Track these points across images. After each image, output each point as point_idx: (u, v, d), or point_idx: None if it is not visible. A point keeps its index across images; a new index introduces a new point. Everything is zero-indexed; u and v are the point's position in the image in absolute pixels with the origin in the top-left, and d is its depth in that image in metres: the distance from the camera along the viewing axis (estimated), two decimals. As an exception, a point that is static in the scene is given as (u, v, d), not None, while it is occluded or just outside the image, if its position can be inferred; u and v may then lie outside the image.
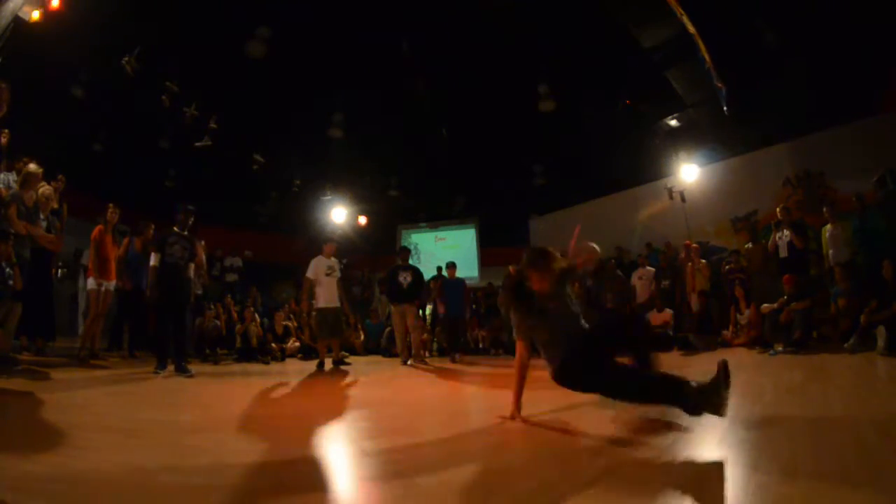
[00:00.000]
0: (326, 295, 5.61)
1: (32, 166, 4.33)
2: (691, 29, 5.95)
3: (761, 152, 8.46)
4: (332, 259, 5.82)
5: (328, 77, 9.38)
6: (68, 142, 8.38)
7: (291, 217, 12.79)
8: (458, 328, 7.04)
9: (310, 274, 5.68)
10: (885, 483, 1.23)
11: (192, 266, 4.66)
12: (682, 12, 5.85)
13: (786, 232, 5.92)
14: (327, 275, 5.65)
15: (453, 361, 6.37)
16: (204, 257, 5.27)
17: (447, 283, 7.10)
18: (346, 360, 5.83)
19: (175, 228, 4.55)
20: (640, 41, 7.41)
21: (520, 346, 2.35)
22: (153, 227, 6.06)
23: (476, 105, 10.22)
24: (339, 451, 1.90)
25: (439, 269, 9.40)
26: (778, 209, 6.24)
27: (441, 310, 6.98)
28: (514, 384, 2.30)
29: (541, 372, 2.33)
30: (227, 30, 8.24)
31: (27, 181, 4.28)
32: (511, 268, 7.45)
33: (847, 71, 7.14)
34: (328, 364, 5.57)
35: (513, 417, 2.20)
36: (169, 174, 10.98)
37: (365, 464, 1.65)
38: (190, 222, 4.63)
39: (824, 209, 6.11)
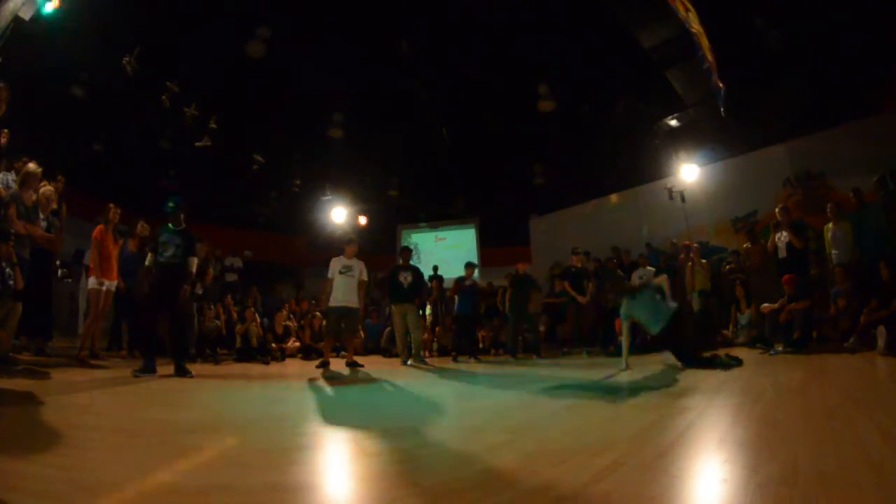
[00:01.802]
0: (336, 294, 5.60)
1: (31, 166, 4.32)
2: (697, 27, 5.91)
3: (761, 152, 8.47)
4: (353, 260, 5.79)
5: (328, 77, 9.38)
6: (68, 142, 8.39)
7: (291, 217, 12.80)
8: (470, 329, 7.04)
9: (329, 274, 5.68)
10: (886, 483, 1.23)
11: (193, 261, 4.47)
12: (689, 7, 5.79)
13: (784, 233, 5.91)
14: (341, 273, 5.63)
15: (455, 361, 6.37)
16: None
17: (463, 284, 7.12)
18: (358, 361, 5.71)
19: (170, 225, 4.42)
20: (640, 41, 7.41)
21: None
22: (141, 223, 6.00)
23: (476, 105, 10.22)
24: (339, 450, 1.90)
25: (435, 268, 9.40)
26: (777, 210, 6.24)
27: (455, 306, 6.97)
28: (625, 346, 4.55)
29: (543, 371, 2.32)
30: (226, 30, 8.24)
31: (26, 181, 4.27)
32: (519, 265, 7.52)
33: (847, 71, 7.14)
34: (335, 365, 5.54)
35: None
36: (169, 174, 10.99)
37: (365, 464, 1.65)
38: (182, 217, 4.48)
39: (828, 206, 6.09)
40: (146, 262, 4.36)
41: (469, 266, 7.15)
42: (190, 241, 4.46)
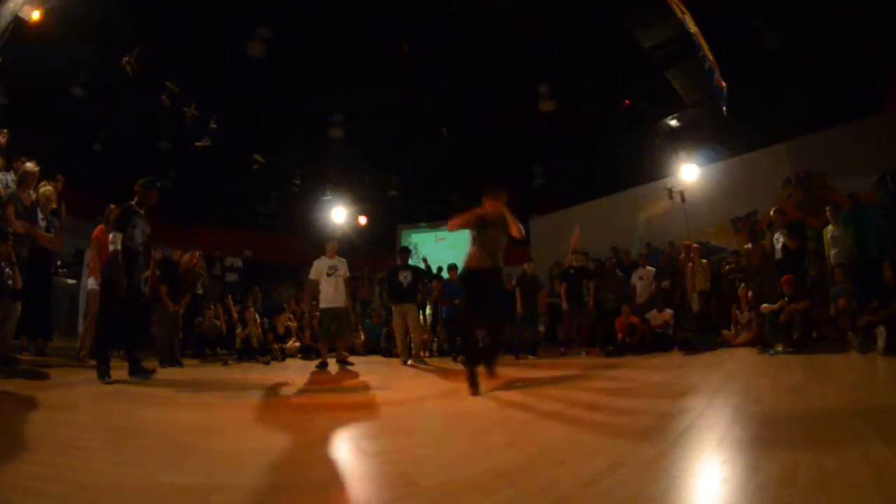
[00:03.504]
0: (326, 295, 5.63)
1: (29, 165, 4.33)
2: (693, 28, 5.93)
3: (761, 152, 8.47)
4: (336, 258, 5.81)
5: (328, 77, 9.39)
6: (68, 142, 8.39)
7: (291, 217, 12.80)
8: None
9: (312, 276, 5.70)
10: (885, 483, 1.23)
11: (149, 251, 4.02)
12: (685, 10, 5.83)
13: (778, 234, 5.92)
14: (328, 274, 5.66)
15: (455, 361, 6.37)
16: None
17: (448, 285, 7.09)
18: (348, 360, 5.82)
19: (134, 205, 3.87)
20: (640, 41, 7.41)
21: None
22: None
23: (476, 105, 10.22)
24: (338, 450, 1.90)
25: (439, 269, 9.39)
26: (772, 211, 6.25)
27: (442, 313, 6.96)
28: None
29: (543, 371, 2.32)
30: (226, 29, 8.24)
31: (24, 180, 4.27)
32: (527, 265, 7.51)
33: (847, 71, 7.14)
34: (332, 364, 5.57)
35: None
36: (169, 174, 10.97)
37: (365, 464, 1.65)
38: (152, 201, 3.99)
39: (827, 208, 6.10)
40: (113, 246, 3.63)
41: (452, 268, 7.11)
42: (147, 227, 3.98)
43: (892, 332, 4.36)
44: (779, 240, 5.87)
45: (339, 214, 11.75)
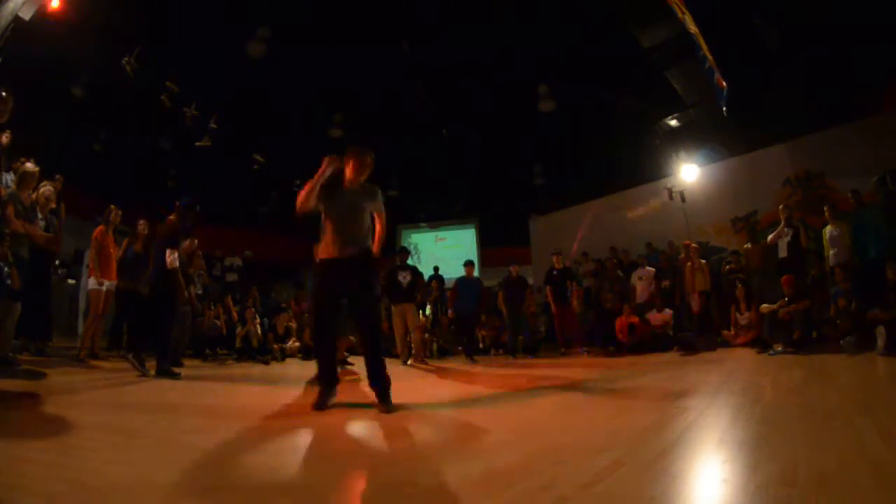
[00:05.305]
0: None
1: (29, 165, 4.32)
2: (693, 28, 5.94)
3: (761, 152, 8.47)
4: None
5: (328, 76, 9.39)
6: (68, 142, 8.39)
7: (291, 217, 12.82)
8: (471, 328, 6.96)
9: None
10: (885, 483, 1.23)
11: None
12: (685, 10, 5.84)
13: (787, 230, 5.91)
14: None
15: (471, 362, 6.36)
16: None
17: (462, 283, 7.05)
18: (348, 359, 5.83)
19: (178, 224, 4.32)
20: (640, 41, 7.41)
21: None
22: (143, 223, 5.73)
23: (476, 105, 10.23)
24: (338, 451, 1.90)
25: (436, 268, 9.38)
26: (781, 207, 6.25)
27: (450, 310, 6.91)
28: None
29: (543, 371, 2.32)
30: (227, 30, 8.24)
31: (24, 180, 4.27)
32: (512, 268, 7.41)
33: (847, 71, 7.14)
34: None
35: None
36: (169, 174, 10.98)
37: (365, 464, 1.65)
38: (191, 222, 4.45)
39: (825, 209, 6.11)
40: (172, 265, 4.11)
41: (468, 264, 7.10)
42: None
43: (892, 332, 4.36)
44: (784, 237, 5.87)
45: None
